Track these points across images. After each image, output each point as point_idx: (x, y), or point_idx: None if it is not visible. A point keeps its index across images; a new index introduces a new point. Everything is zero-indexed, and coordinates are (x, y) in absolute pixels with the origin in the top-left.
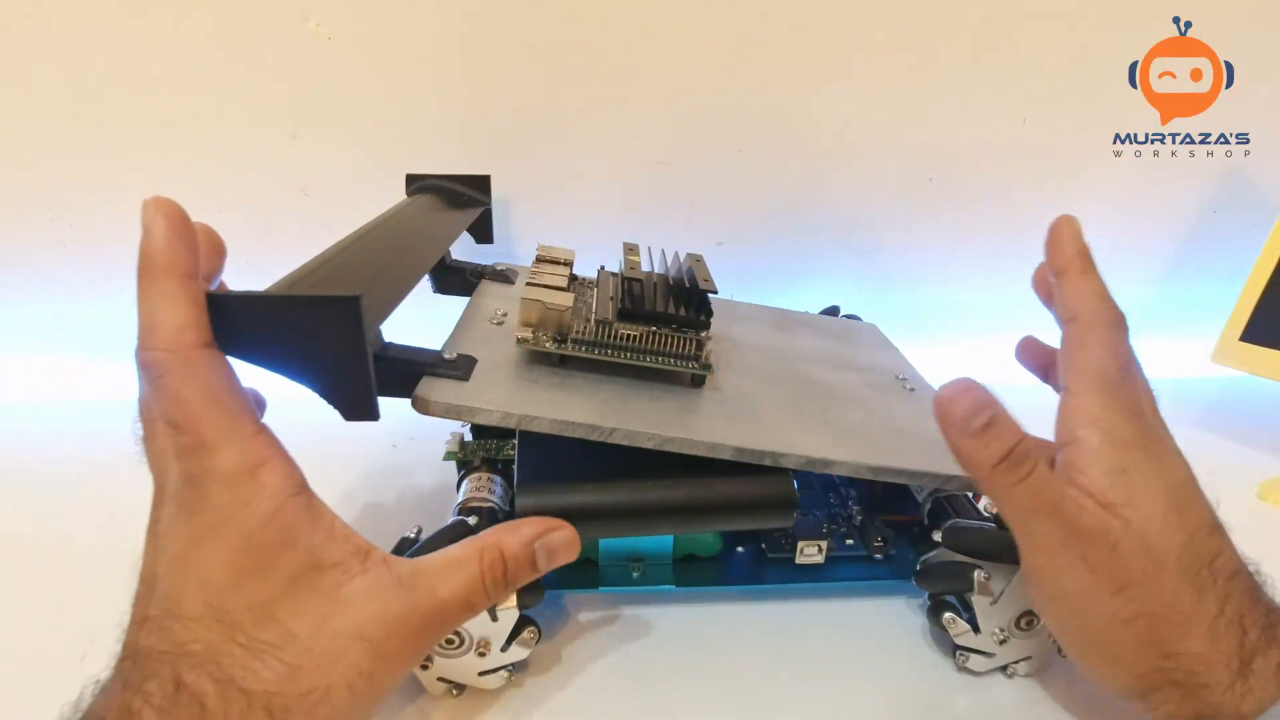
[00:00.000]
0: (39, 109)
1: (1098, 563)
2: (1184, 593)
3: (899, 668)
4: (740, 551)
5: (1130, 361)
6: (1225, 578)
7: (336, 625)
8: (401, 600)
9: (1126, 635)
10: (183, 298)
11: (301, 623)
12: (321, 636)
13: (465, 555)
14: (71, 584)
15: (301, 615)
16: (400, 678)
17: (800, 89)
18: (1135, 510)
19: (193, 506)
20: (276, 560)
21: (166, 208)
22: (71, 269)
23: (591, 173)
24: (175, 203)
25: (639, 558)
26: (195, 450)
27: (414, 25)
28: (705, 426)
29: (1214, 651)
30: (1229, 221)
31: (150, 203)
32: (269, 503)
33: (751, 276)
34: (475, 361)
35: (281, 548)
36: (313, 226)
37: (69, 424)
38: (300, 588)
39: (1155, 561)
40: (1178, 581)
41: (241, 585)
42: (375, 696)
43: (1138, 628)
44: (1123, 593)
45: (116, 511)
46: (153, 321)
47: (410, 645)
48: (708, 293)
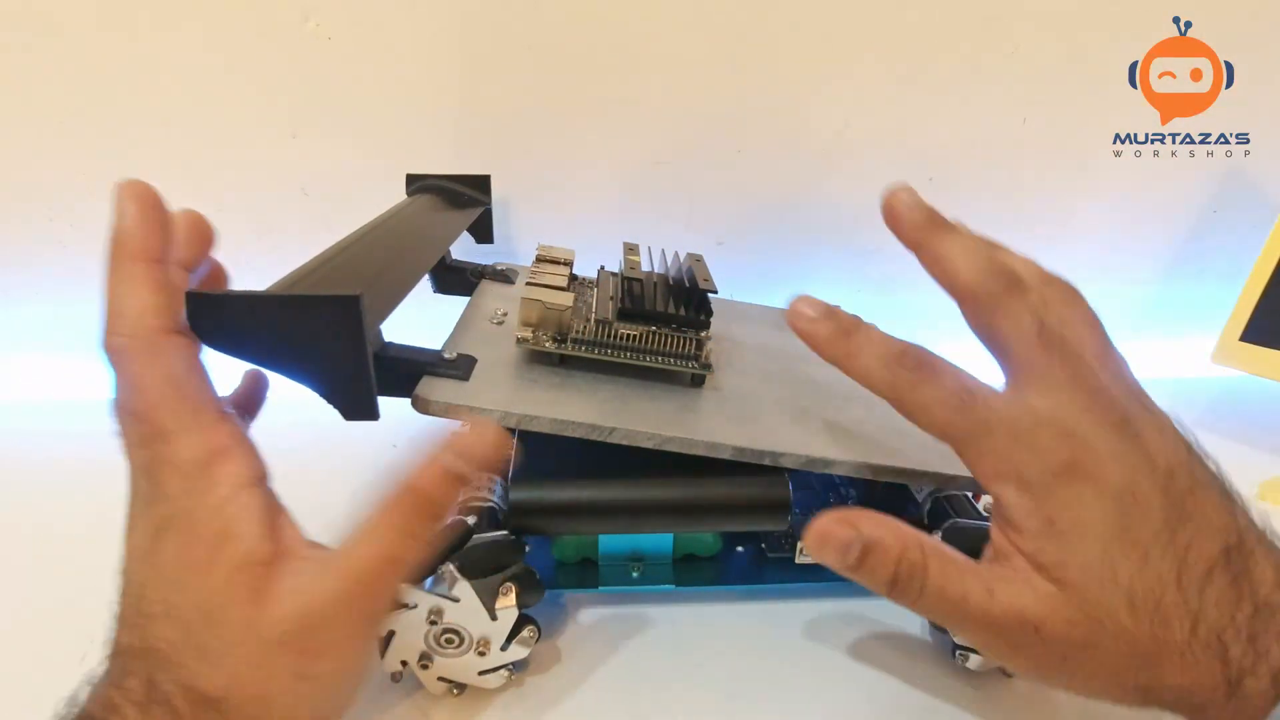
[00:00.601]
0: (39, 109)
1: (1026, 646)
2: (1141, 633)
3: (899, 668)
4: (740, 551)
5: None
6: (1196, 588)
7: (263, 632)
8: (323, 588)
9: (1094, 688)
10: (149, 282)
11: (236, 629)
12: (250, 644)
13: (373, 510)
14: (71, 584)
15: (235, 620)
16: (355, 661)
17: (800, 89)
18: (1070, 569)
19: (150, 497)
20: (217, 557)
21: (137, 190)
22: (71, 269)
23: (591, 173)
24: (148, 185)
25: (639, 557)
26: (153, 439)
27: (414, 25)
28: (705, 426)
29: (1194, 681)
30: (1229, 221)
31: (122, 186)
32: (218, 494)
33: (751, 276)
34: (475, 361)
35: (223, 543)
36: (313, 226)
37: (69, 424)
38: (235, 588)
39: (1098, 618)
40: (1132, 624)
41: (189, 583)
42: (331, 689)
43: (1101, 679)
44: (1066, 663)
45: (116, 511)
46: (118, 307)
47: (346, 630)
48: (708, 293)
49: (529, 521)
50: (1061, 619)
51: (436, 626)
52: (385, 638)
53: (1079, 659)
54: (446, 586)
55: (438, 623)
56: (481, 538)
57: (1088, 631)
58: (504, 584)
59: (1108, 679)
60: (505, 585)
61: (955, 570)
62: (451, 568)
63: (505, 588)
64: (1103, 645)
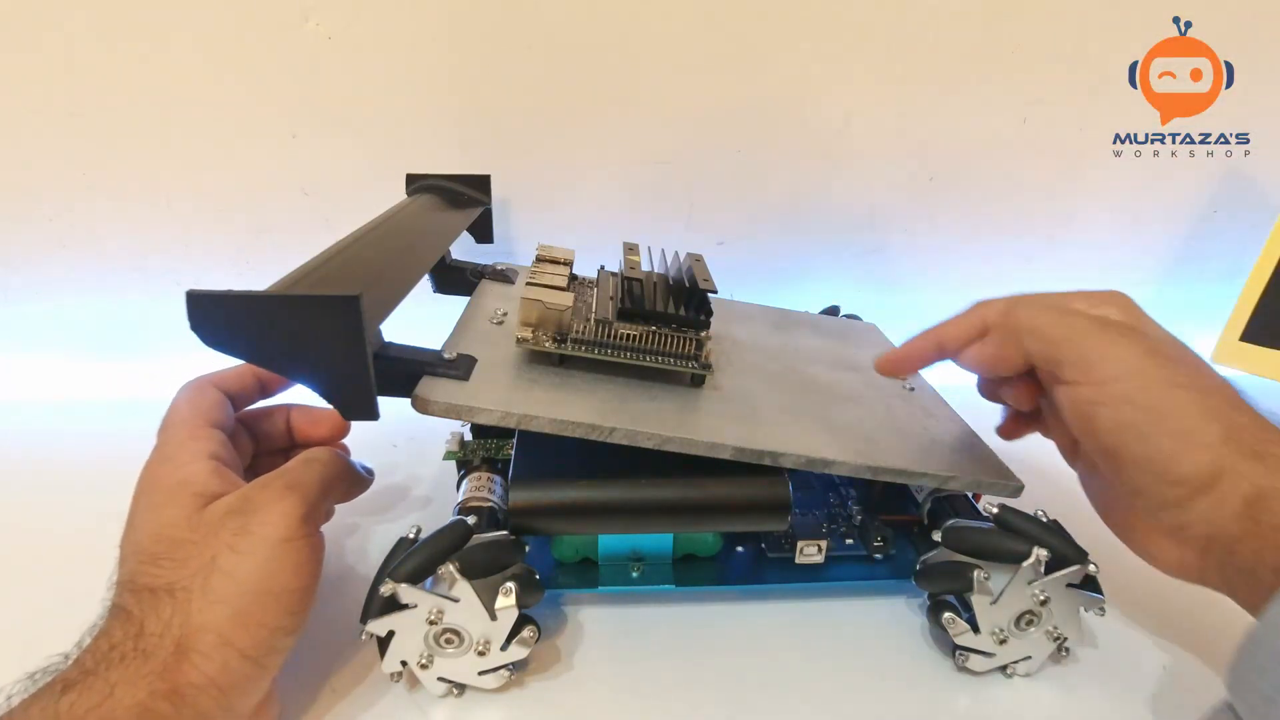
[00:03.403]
0: (39, 109)
1: (1134, 337)
2: (1216, 384)
3: (899, 668)
4: (740, 551)
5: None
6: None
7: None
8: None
9: (1187, 400)
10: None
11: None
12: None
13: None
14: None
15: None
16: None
17: (800, 89)
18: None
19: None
20: (177, 495)
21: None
22: (71, 269)
23: (591, 172)
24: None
25: (639, 557)
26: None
27: (414, 25)
28: (705, 426)
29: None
30: (1229, 221)
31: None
32: (181, 462)
33: (751, 276)
34: (475, 361)
35: (181, 487)
36: (313, 226)
37: (70, 424)
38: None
39: (1179, 356)
40: (1209, 378)
41: (150, 520)
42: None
43: (1193, 395)
44: (1170, 363)
45: (116, 511)
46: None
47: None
48: (708, 293)
49: (529, 521)
50: (1157, 338)
51: (436, 626)
52: (385, 638)
53: (1180, 365)
54: (446, 586)
55: (438, 623)
56: (481, 538)
57: (1179, 353)
58: (504, 584)
59: (1205, 404)
60: (505, 585)
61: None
62: (451, 568)
63: (505, 588)
64: (1194, 370)
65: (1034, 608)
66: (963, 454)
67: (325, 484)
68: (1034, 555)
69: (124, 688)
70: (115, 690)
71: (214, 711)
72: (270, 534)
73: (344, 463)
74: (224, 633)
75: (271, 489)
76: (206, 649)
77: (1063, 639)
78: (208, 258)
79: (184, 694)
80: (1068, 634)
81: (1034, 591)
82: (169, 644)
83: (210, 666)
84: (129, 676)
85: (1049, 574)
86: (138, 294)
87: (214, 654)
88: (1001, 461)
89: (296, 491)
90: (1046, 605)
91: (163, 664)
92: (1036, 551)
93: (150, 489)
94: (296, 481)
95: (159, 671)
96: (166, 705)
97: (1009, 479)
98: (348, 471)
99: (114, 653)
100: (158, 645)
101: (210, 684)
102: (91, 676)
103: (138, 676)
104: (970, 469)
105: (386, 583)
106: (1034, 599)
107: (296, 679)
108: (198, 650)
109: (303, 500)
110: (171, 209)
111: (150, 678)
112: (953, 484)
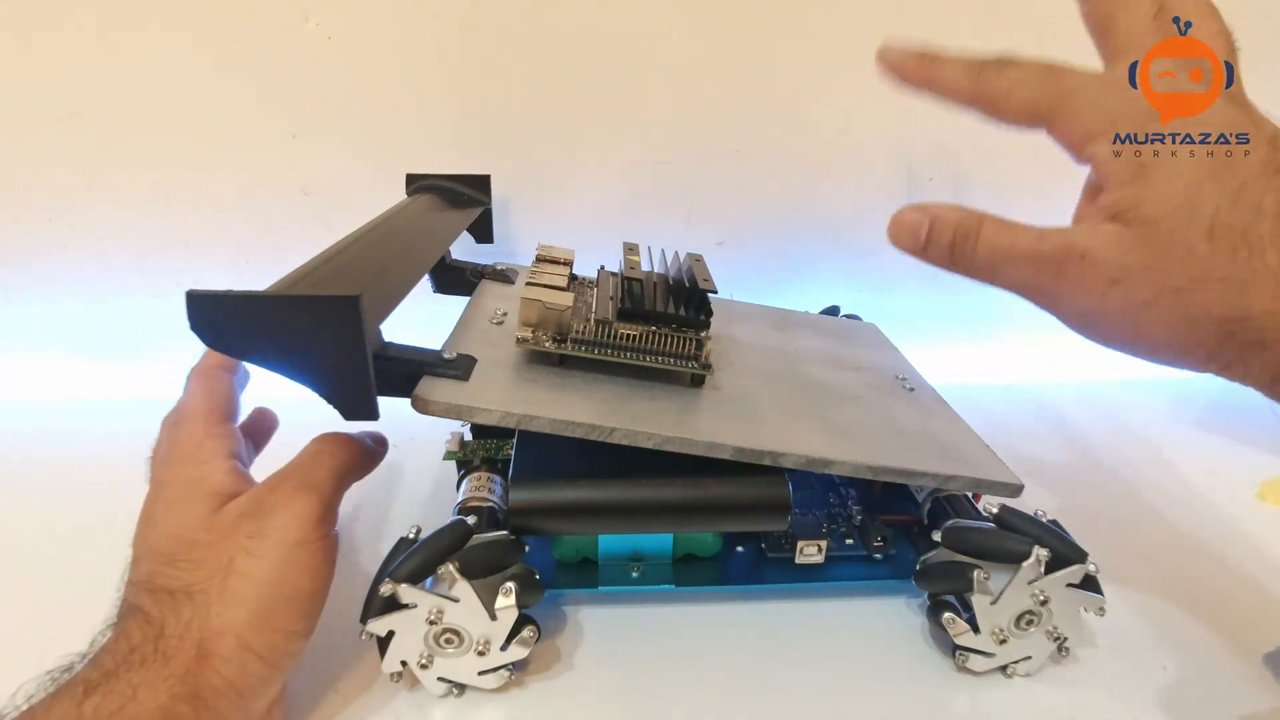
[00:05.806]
0: (39, 109)
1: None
2: (1219, 259)
3: (899, 668)
4: (740, 551)
5: (1163, 10)
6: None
7: (222, 520)
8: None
9: (1156, 316)
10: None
11: (199, 530)
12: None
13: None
14: (72, 584)
15: (197, 523)
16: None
17: (800, 89)
18: (1147, 203)
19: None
20: (193, 492)
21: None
22: (71, 269)
23: (591, 172)
24: None
25: (639, 557)
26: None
27: (414, 25)
28: (705, 426)
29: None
30: None
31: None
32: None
33: (751, 276)
34: (475, 361)
35: (197, 484)
36: (313, 226)
37: (69, 424)
38: (198, 505)
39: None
40: (1208, 251)
41: (167, 519)
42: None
43: (1164, 306)
44: (1116, 285)
45: (116, 511)
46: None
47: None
48: (708, 293)
49: (528, 521)
50: (1114, 245)
51: (436, 626)
52: (385, 638)
53: (1133, 280)
54: (446, 586)
55: (438, 623)
56: (481, 538)
57: (1147, 256)
58: (504, 584)
59: (1171, 304)
60: (505, 585)
61: (1008, 227)
62: (451, 568)
63: (505, 588)
64: (1164, 267)
65: (1034, 608)
66: (963, 454)
67: (337, 478)
68: (1034, 555)
69: (146, 690)
70: (138, 693)
71: (231, 714)
72: (285, 538)
73: (353, 447)
74: (242, 636)
75: (283, 490)
76: (226, 652)
77: (1063, 639)
78: (208, 258)
79: (204, 697)
80: (1068, 634)
81: (1034, 591)
82: (189, 647)
83: (229, 670)
84: (150, 679)
85: (1049, 574)
86: (138, 294)
87: (233, 657)
88: (1001, 461)
89: (310, 492)
90: (1046, 605)
91: (184, 667)
92: (1036, 551)
93: (166, 486)
94: (308, 481)
95: (180, 675)
96: (187, 708)
97: (1009, 479)
98: (358, 455)
99: (134, 655)
100: (178, 648)
101: (229, 687)
102: (113, 679)
103: (159, 679)
104: (970, 469)
105: (386, 583)
106: (1034, 599)
107: (297, 679)
108: (218, 654)
109: (317, 501)
110: (171, 209)
111: (171, 681)
112: (953, 484)
